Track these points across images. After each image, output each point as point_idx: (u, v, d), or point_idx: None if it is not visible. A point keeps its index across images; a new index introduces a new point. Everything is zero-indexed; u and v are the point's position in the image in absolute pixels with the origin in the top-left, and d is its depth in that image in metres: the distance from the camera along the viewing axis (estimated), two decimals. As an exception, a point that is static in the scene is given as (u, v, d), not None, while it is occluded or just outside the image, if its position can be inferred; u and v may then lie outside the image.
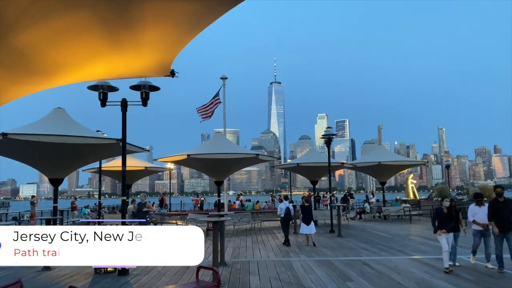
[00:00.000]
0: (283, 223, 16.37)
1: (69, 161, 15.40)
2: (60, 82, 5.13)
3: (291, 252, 14.06)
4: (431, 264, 11.31)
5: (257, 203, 36.25)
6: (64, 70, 4.74)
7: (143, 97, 10.95)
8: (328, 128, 20.52)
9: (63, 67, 4.60)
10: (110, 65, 5.39)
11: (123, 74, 6.21)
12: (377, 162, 27.38)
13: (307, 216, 15.53)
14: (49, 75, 4.91)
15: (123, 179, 11.19)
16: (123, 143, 10.92)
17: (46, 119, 15.56)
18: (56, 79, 4.93)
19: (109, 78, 5.93)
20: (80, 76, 5.39)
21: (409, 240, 17.06)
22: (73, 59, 4.52)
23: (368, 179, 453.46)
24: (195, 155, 19.73)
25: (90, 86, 10.94)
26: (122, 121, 11.02)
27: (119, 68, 5.63)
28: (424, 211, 29.36)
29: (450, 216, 10.57)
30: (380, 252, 13.60)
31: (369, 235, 18.90)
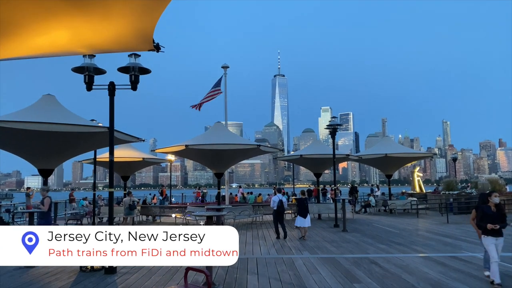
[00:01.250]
0: (275, 216, 15.90)
1: (58, 150, 14.55)
2: (8, 51, 4.21)
3: (293, 248, 13.19)
4: (445, 263, 10.39)
5: (259, 195, 35.44)
6: (11, 32, 3.83)
7: (133, 80, 10.06)
8: (333, 118, 19.56)
9: (8, 26, 3.68)
10: (73, 31, 4.46)
11: (95, 46, 5.28)
12: (383, 154, 26.44)
13: (303, 209, 15.25)
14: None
15: (111, 169, 10.31)
16: (110, 131, 10.03)
17: (35, 106, 14.72)
18: (2, 47, 4.01)
19: (77, 50, 5.02)
20: (37, 45, 4.47)
21: (417, 235, 16.16)
22: (22, 16, 3.61)
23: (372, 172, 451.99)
24: (193, 145, 18.84)
25: (74, 68, 10.06)
26: (110, 107, 10.13)
27: (86, 36, 4.70)
28: (431, 204, 28.46)
29: (500, 216, 8.15)
30: (389, 249, 12.70)
31: (375, 230, 18.01)
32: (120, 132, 14.51)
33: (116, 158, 22.78)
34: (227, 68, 29.25)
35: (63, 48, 4.85)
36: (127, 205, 18.95)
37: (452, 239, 14.69)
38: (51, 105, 14.71)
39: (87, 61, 10.10)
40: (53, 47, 4.77)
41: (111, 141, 10.01)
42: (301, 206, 15.41)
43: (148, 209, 24.14)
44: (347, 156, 23.53)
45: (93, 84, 10.15)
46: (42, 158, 14.54)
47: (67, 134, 13.59)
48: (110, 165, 10.03)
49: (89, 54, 10.11)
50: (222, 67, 29.29)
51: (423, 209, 26.48)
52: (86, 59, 10.10)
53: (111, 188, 10.10)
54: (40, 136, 13.53)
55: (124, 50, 5.84)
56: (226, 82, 28.48)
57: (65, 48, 4.92)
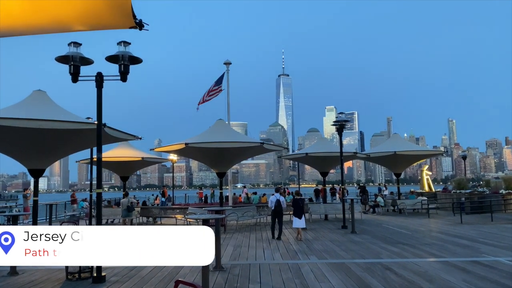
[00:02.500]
0: (272, 216, 15.75)
1: (49, 148, 13.70)
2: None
3: (299, 252, 12.25)
4: (468, 269, 9.41)
5: (263, 196, 34.49)
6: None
7: (122, 71, 9.18)
8: (340, 114, 18.60)
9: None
10: (31, 2, 3.60)
11: (61, 21, 4.39)
12: (392, 152, 25.45)
13: (298, 210, 15.04)
14: None
15: (99, 167, 9.43)
16: (98, 127, 9.15)
17: (24, 102, 13.89)
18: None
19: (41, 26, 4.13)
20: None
21: (431, 237, 15.16)
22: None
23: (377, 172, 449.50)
24: (193, 143, 17.95)
25: (58, 58, 9.20)
26: (97, 100, 9.24)
27: (47, 5, 3.83)
28: (442, 204, 27.40)
29: None
30: (403, 253, 11.73)
31: (386, 231, 17.05)
32: (114, 130, 13.61)
33: (115, 157, 22.10)
34: (229, 64, 28.36)
35: (18, 24, 3.98)
36: (125, 206, 18.09)
37: (469, 241, 13.71)
38: (41, 101, 13.88)
39: (73, 50, 9.24)
40: (15, 23, 3.91)
41: (98, 137, 9.12)
42: (296, 207, 15.18)
43: (149, 210, 23.28)
44: (355, 154, 22.54)
45: (79, 75, 9.27)
46: (32, 157, 13.71)
47: (58, 131, 12.74)
48: (97, 163, 9.16)
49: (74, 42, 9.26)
50: (224, 63, 28.38)
51: (434, 209, 25.45)
52: (71, 48, 9.24)
53: (98, 189, 9.23)
54: (30, 134, 12.71)
55: (98, 27, 4.92)
56: (229, 79, 27.64)
57: (21, 23, 4.04)
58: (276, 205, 15.43)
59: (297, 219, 15.00)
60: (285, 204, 16.01)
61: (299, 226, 15.03)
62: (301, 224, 15.02)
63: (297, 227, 15.11)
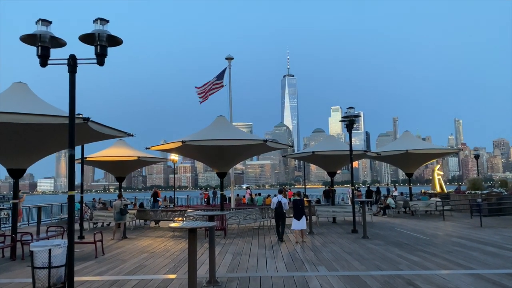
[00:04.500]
0: (275, 218, 15.51)
1: (28, 147, 12.41)
2: None
3: (306, 262, 10.85)
4: (506, 285, 7.97)
5: (268, 197, 33.04)
6: None
7: (98, 53, 7.81)
8: (349, 108, 17.18)
9: None
10: None
11: None
12: (404, 150, 23.96)
13: (298, 211, 14.48)
14: None
15: (71, 166, 8.07)
16: (70, 119, 7.79)
17: (2, 95, 12.60)
18: None
19: None
20: None
21: (452, 243, 13.66)
22: None
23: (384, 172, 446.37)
24: (191, 141, 16.62)
25: (24, 36, 7.86)
26: (70, 87, 7.88)
27: None
28: (456, 206, 25.83)
29: None
30: (425, 263, 10.29)
31: (400, 236, 15.62)
32: (100, 125, 12.30)
33: (109, 157, 20.79)
34: (231, 59, 27.05)
35: None
36: (117, 209, 16.76)
37: (496, 248, 12.26)
38: (21, 94, 12.61)
39: (41, 28, 7.89)
40: None
41: (70, 131, 7.74)
42: (295, 208, 14.62)
43: (146, 213, 21.98)
44: (365, 152, 21.06)
45: (49, 58, 7.92)
46: (10, 156, 12.45)
47: (38, 126, 11.47)
48: (69, 160, 7.79)
49: (43, 20, 7.94)
50: (226, 58, 27.09)
51: (448, 211, 23.95)
52: (39, 26, 7.90)
53: (71, 190, 7.88)
54: (7, 129, 11.46)
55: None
56: (231, 74, 26.34)
57: None
58: (277, 206, 15.13)
59: (296, 220, 14.40)
60: (287, 206, 15.57)
61: (298, 228, 14.44)
62: (299, 225, 14.41)
63: (295, 229, 14.54)
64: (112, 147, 21.25)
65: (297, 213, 14.46)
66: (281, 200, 15.18)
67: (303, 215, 14.51)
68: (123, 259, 11.88)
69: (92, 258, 12.10)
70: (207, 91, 23.25)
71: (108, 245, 14.94)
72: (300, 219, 14.37)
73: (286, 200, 15.81)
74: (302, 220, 14.39)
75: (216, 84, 23.79)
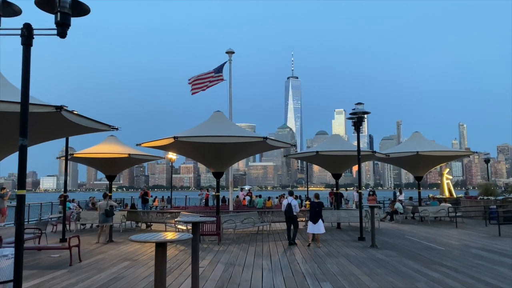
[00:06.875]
0: (286, 221, 14.94)
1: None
2: None
3: (308, 275, 9.39)
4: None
5: (269, 199, 31.66)
6: None
7: (59, 21, 6.40)
8: (358, 104, 15.73)
9: None
10: None
11: None
12: (414, 152, 22.46)
13: (314, 214, 13.97)
14: None
15: (21, 159, 6.66)
16: (22, 102, 6.38)
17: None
18: None
19: None
20: None
21: (473, 255, 12.14)
22: None
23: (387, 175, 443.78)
24: (184, 137, 15.19)
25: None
26: (23, 62, 6.48)
27: None
28: (467, 212, 24.28)
29: None
30: (447, 281, 8.79)
31: (412, 245, 14.14)
32: (78, 115, 10.88)
33: (97, 154, 19.33)
34: (232, 53, 25.63)
35: None
36: (102, 210, 15.38)
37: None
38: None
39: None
40: None
41: (23, 118, 6.34)
42: (312, 211, 14.14)
43: (137, 214, 20.58)
44: (374, 153, 19.55)
45: (0, 28, 6.53)
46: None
47: (6, 114, 10.08)
48: (20, 151, 6.40)
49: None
50: (226, 52, 25.66)
51: (460, 217, 22.43)
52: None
53: (21, 189, 6.50)
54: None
55: None
56: (231, 70, 24.92)
57: None
58: (286, 209, 14.55)
59: (311, 223, 13.95)
60: (297, 208, 14.64)
61: (313, 231, 13.96)
62: (316, 229, 13.87)
63: (310, 232, 14.07)
64: (102, 144, 19.82)
65: (313, 216, 13.94)
66: (291, 202, 14.50)
67: (320, 218, 13.91)
68: (100, 268, 10.48)
69: (66, 266, 10.70)
70: (204, 83, 21.84)
71: (90, 250, 13.56)
72: (317, 222, 13.86)
73: (296, 203, 14.84)
74: (318, 224, 13.85)
75: (215, 77, 22.38)
